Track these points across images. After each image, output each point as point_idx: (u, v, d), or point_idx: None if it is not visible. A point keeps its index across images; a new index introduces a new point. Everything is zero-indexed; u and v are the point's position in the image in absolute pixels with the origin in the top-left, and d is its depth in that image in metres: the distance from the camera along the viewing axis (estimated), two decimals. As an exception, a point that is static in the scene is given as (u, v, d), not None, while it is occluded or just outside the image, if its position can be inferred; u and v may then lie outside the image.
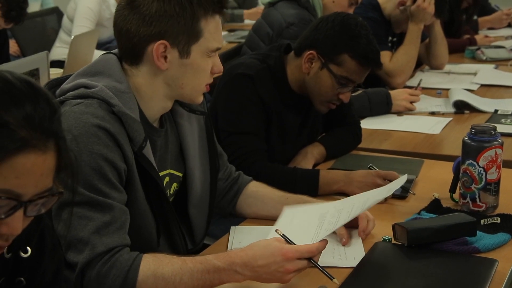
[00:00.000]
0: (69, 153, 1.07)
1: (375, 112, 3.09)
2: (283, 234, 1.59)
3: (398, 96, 3.17)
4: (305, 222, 1.71)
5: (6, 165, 0.98)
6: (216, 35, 1.71)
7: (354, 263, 1.71)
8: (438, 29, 3.81)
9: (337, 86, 2.31)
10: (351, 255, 1.77)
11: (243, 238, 1.87)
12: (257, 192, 2.01)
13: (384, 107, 3.11)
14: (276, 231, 1.61)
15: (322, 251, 1.59)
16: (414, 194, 2.17)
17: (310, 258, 1.55)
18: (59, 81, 1.73)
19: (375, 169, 2.28)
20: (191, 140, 1.85)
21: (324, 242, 1.59)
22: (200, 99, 1.77)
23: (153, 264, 1.54)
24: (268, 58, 2.38)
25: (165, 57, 1.67)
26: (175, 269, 1.53)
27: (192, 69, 1.70)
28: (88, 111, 1.58)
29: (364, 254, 1.76)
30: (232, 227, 1.94)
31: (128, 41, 1.68)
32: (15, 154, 0.98)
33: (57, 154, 1.05)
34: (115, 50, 1.77)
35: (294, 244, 1.57)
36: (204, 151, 1.88)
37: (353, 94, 3.04)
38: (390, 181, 2.04)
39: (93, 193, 1.54)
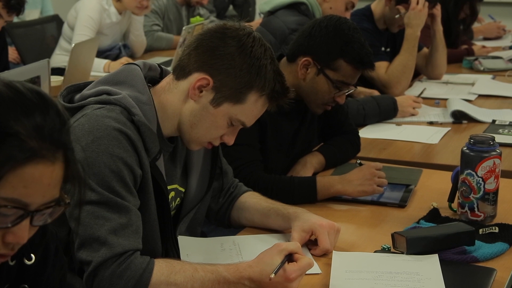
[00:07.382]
0: (77, 164, 1.08)
1: (383, 117, 3.14)
2: None
3: (403, 102, 3.22)
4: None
5: (14, 175, 0.99)
6: (252, 113, 1.72)
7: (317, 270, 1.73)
8: (440, 37, 3.81)
9: (334, 91, 2.34)
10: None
11: (189, 250, 1.85)
12: (245, 203, 2.02)
13: (392, 112, 3.17)
14: None
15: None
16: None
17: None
18: (77, 87, 1.75)
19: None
20: (197, 158, 1.88)
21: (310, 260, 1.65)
22: (194, 148, 1.78)
23: (166, 269, 1.56)
24: None
25: (201, 91, 1.68)
26: (187, 276, 1.56)
27: (210, 119, 1.70)
28: (110, 116, 1.61)
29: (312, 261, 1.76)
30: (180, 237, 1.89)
31: (188, 56, 1.71)
32: (24, 164, 0.99)
33: (65, 165, 1.06)
34: (139, 61, 1.78)
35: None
36: (206, 169, 1.90)
37: (361, 99, 3.09)
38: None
39: (111, 194, 1.56)
